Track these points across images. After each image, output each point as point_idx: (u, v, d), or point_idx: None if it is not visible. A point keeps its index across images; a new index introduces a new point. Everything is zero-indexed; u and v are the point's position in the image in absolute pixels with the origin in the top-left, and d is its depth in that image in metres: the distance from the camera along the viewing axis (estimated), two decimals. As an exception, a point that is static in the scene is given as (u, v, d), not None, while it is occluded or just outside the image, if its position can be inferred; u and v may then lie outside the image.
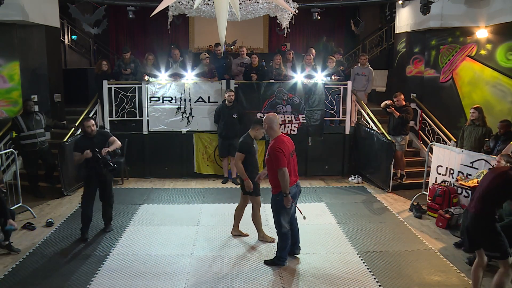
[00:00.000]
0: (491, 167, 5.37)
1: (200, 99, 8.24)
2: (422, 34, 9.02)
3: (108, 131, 6.41)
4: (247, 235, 5.56)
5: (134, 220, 6.14)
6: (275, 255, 4.85)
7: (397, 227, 5.98)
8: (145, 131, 8.24)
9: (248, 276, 4.55)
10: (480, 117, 6.64)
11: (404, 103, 7.75)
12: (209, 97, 8.24)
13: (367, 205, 6.87)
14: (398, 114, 7.59)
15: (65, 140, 7.09)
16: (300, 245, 5.08)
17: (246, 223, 5.58)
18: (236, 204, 6.77)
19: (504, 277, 3.94)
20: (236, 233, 5.60)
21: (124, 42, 13.82)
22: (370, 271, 4.69)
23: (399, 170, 7.88)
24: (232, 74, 8.70)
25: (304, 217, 4.78)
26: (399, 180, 7.81)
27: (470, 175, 6.15)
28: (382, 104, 7.86)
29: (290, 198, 4.48)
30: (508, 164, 5.08)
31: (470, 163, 6.25)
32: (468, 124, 6.83)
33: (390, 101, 7.79)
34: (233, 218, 5.54)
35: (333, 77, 8.43)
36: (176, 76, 8.18)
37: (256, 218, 5.37)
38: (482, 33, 7.84)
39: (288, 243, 4.76)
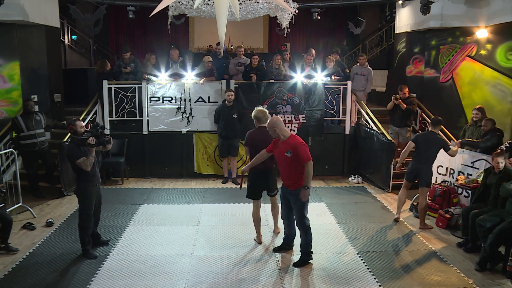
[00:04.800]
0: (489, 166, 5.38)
1: (200, 99, 8.24)
2: (422, 34, 9.01)
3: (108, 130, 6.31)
4: (431, 228, 5.91)
5: (134, 220, 6.14)
6: (302, 253, 4.86)
7: (397, 227, 5.98)
8: (145, 131, 8.24)
9: (248, 276, 4.55)
10: (483, 118, 6.64)
11: (408, 95, 7.84)
12: (209, 97, 8.24)
13: (367, 205, 6.87)
14: (405, 106, 7.70)
15: (65, 140, 7.08)
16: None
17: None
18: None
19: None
20: (423, 226, 5.93)
21: (124, 42, 13.85)
22: (370, 271, 4.69)
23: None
24: (230, 74, 8.69)
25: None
26: (403, 168, 7.85)
27: (471, 175, 6.16)
28: (389, 105, 7.89)
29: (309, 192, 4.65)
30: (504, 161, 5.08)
31: (471, 163, 6.25)
32: (470, 124, 6.82)
33: (395, 95, 7.82)
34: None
35: (333, 77, 8.43)
36: (176, 76, 8.18)
37: (421, 207, 5.90)
38: (482, 33, 7.84)
39: (312, 236, 4.83)
